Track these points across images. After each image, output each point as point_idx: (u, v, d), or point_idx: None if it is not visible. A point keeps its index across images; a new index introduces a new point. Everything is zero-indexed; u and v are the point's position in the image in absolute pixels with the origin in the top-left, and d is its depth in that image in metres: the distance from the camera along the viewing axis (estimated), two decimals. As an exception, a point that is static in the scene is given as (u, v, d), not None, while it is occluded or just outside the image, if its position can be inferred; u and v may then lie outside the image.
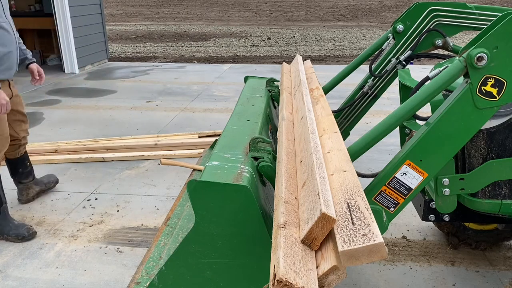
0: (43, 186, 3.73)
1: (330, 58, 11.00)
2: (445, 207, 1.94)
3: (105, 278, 2.71)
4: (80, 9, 8.69)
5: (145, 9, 25.18)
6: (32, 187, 3.63)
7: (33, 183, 3.63)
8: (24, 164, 3.54)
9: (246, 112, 2.16)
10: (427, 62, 9.24)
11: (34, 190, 3.64)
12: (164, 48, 12.92)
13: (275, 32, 16.06)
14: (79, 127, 5.50)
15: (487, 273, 2.70)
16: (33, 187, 3.64)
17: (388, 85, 2.74)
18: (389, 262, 2.81)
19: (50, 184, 3.79)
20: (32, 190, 3.63)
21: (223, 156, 1.59)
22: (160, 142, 4.71)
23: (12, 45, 3.03)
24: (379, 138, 1.62)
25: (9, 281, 2.70)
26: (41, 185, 3.71)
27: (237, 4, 26.78)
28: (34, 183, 3.65)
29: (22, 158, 3.51)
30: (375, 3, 25.67)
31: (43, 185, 3.73)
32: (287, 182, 1.35)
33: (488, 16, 2.37)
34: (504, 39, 1.46)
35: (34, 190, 3.64)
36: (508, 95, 1.51)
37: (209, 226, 1.41)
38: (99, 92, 7.22)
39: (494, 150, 1.92)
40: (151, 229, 3.25)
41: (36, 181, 3.67)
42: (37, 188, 3.66)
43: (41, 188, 3.69)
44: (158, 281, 1.51)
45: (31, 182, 3.62)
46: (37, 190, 3.66)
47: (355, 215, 1.08)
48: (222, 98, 6.84)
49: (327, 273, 1.00)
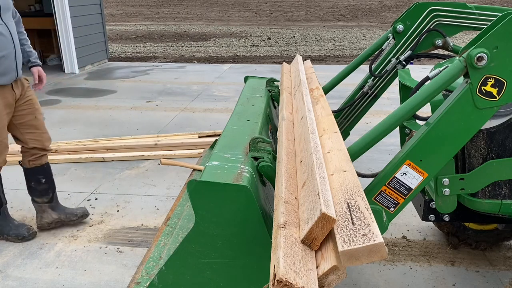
0: (63, 215, 3.19)
1: (330, 58, 11.00)
2: (445, 207, 1.94)
3: (105, 278, 2.71)
4: (80, 9, 8.69)
5: (145, 9, 25.18)
6: (47, 211, 3.16)
7: (49, 207, 3.16)
8: (37, 179, 3.12)
9: (246, 112, 2.16)
10: (427, 62, 9.24)
11: (50, 216, 3.16)
12: (164, 48, 12.92)
13: (275, 32, 16.06)
14: (79, 127, 5.50)
15: (487, 273, 2.70)
16: (49, 212, 3.16)
17: (388, 85, 2.74)
18: (389, 262, 2.81)
19: (73, 216, 3.21)
20: (47, 215, 3.16)
21: (223, 156, 1.59)
22: (160, 142, 4.71)
23: (8, 49, 2.79)
24: (379, 138, 1.62)
25: (9, 281, 2.70)
26: (60, 213, 3.18)
27: (237, 4, 26.78)
28: (51, 207, 3.17)
29: (34, 170, 3.10)
30: (375, 3, 25.67)
31: (63, 214, 3.19)
32: (287, 182, 1.35)
33: (488, 16, 2.37)
34: (504, 39, 1.46)
35: (50, 216, 3.16)
36: (508, 95, 1.51)
37: (209, 226, 1.41)
38: (99, 92, 7.22)
39: (494, 150, 1.92)
40: (151, 229, 3.25)
41: (54, 205, 3.18)
42: (54, 215, 3.17)
43: (59, 216, 3.18)
44: (158, 281, 1.51)
45: (46, 205, 3.16)
46: (54, 217, 3.16)
47: (355, 215, 1.08)
48: (222, 98, 6.84)
49: (327, 273, 1.00)
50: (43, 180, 3.13)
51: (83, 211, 3.27)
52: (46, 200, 3.16)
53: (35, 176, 3.11)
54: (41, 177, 3.12)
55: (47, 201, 3.16)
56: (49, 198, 3.17)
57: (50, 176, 3.19)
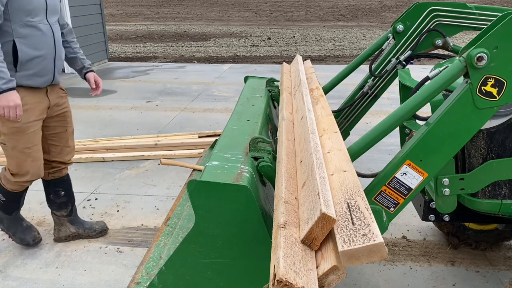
0: (81, 230, 3.10)
1: (330, 58, 11.00)
2: (445, 207, 1.94)
3: (105, 278, 2.71)
4: (80, 9, 8.69)
5: (145, 9, 25.19)
6: (65, 225, 3.08)
7: (67, 221, 3.08)
8: (56, 192, 3.01)
9: (246, 112, 2.16)
10: (427, 62, 9.24)
11: (68, 230, 3.07)
12: (164, 48, 12.93)
13: (275, 32, 16.07)
14: (79, 127, 5.49)
15: (487, 273, 2.70)
16: (67, 225, 3.08)
17: (388, 85, 2.74)
18: (389, 262, 2.81)
19: (91, 232, 3.12)
20: (65, 229, 3.08)
21: (223, 156, 1.59)
22: (160, 142, 4.71)
23: (47, 50, 2.65)
24: (379, 138, 1.62)
25: (9, 281, 2.70)
26: (79, 228, 3.10)
27: (237, 4, 26.79)
28: (70, 221, 3.08)
29: (53, 182, 2.98)
30: (375, 3, 25.67)
31: (82, 229, 3.10)
32: (287, 182, 1.34)
33: (488, 16, 2.37)
34: (504, 39, 1.46)
35: (68, 230, 3.07)
36: (508, 95, 1.51)
37: (209, 226, 1.41)
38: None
39: (494, 150, 1.92)
40: (151, 229, 3.25)
41: (73, 219, 3.10)
42: (73, 229, 3.08)
43: (77, 231, 3.09)
44: (158, 281, 1.51)
45: (64, 218, 3.07)
46: (72, 231, 3.08)
47: (355, 215, 1.08)
48: (222, 98, 6.84)
49: (327, 273, 1.00)
50: (62, 193, 3.03)
51: (101, 226, 3.17)
52: (65, 213, 3.07)
53: (54, 188, 3.01)
54: (61, 189, 3.02)
55: (66, 214, 3.07)
56: (68, 211, 3.07)
57: (70, 189, 3.09)
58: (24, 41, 2.56)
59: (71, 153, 3.02)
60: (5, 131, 2.62)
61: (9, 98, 2.44)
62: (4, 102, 2.43)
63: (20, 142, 2.64)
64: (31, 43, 2.58)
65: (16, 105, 2.47)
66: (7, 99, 2.44)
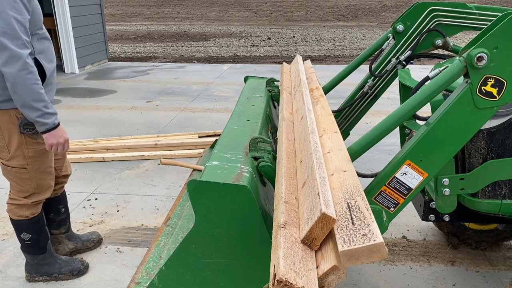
0: (79, 243, 2.97)
1: (330, 58, 11.00)
2: (445, 207, 1.94)
3: (105, 278, 2.71)
4: (80, 9, 8.70)
5: (145, 9, 25.19)
6: (63, 242, 2.93)
7: (65, 237, 2.94)
8: (57, 209, 2.86)
9: (246, 112, 2.16)
10: (427, 62, 9.24)
11: (67, 247, 2.92)
12: (164, 48, 12.93)
13: (275, 32, 16.07)
14: (79, 127, 5.50)
15: (487, 273, 2.70)
16: (65, 242, 2.93)
17: (388, 85, 2.74)
18: (389, 262, 2.81)
19: (90, 243, 3.00)
20: (63, 246, 2.92)
21: (223, 156, 1.59)
22: (160, 142, 4.71)
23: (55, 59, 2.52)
24: (379, 138, 1.62)
25: (9, 281, 2.69)
26: (77, 242, 2.97)
27: (237, 4, 26.79)
28: (67, 237, 2.95)
29: (55, 200, 2.82)
30: (375, 3, 25.68)
31: (80, 243, 2.97)
32: (287, 182, 1.35)
33: (488, 16, 2.37)
34: (504, 39, 1.46)
35: (67, 247, 2.92)
36: (508, 95, 1.51)
37: (209, 226, 1.41)
38: (99, 92, 7.22)
39: (494, 150, 1.92)
40: (151, 229, 3.25)
41: (70, 235, 2.97)
42: (71, 245, 2.94)
43: (76, 246, 2.95)
44: (158, 281, 1.51)
45: (62, 236, 2.92)
46: (71, 247, 2.93)
47: (355, 215, 1.08)
48: (222, 98, 6.84)
49: (327, 273, 1.00)
50: (63, 209, 2.89)
51: (97, 235, 3.08)
52: (64, 230, 2.93)
53: (56, 206, 2.85)
54: (61, 206, 2.88)
55: (64, 231, 2.94)
56: (67, 228, 2.95)
57: (67, 203, 2.95)
58: (43, 56, 2.39)
59: (69, 164, 2.92)
60: (31, 154, 2.44)
61: (58, 134, 2.34)
62: (54, 140, 2.33)
63: (44, 162, 2.51)
64: (47, 56, 2.42)
65: (65, 140, 2.38)
66: (56, 135, 2.34)
